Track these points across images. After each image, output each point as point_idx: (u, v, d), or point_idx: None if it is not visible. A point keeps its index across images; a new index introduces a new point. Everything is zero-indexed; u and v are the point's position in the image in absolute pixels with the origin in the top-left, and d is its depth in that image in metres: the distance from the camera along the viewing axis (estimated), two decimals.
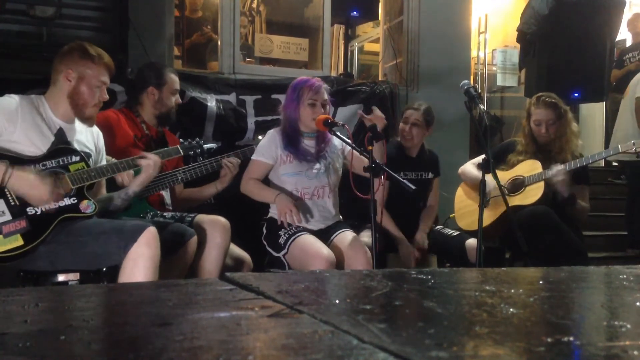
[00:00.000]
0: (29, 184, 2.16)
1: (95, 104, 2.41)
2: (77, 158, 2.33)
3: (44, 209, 2.22)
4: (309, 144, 2.88)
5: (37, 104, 2.35)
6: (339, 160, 2.96)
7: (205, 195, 3.02)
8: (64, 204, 2.26)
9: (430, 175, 3.43)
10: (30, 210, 2.20)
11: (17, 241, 2.17)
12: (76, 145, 2.39)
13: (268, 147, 2.85)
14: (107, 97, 2.45)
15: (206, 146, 2.81)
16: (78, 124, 2.45)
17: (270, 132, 2.92)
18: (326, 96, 2.87)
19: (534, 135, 3.28)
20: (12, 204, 2.18)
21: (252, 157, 2.89)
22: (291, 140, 2.83)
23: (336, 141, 2.95)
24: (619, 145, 3.17)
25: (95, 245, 2.21)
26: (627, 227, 4.78)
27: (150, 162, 2.49)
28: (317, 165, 2.86)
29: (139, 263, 2.15)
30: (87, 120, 2.44)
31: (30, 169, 2.20)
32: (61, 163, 2.29)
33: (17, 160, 2.21)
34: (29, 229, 2.19)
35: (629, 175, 4.99)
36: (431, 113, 3.37)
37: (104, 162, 2.51)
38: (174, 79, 2.99)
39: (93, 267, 2.29)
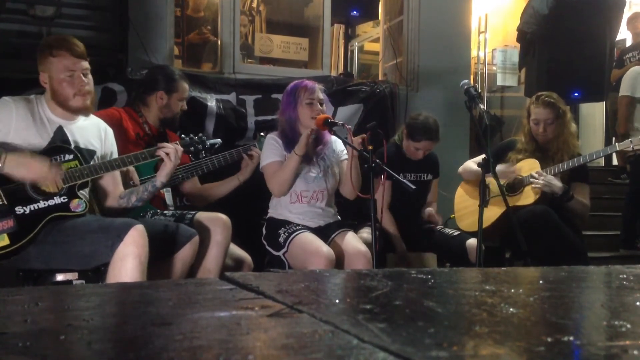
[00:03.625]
0: (25, 162, 2.15)
1: (75, 93, 2.34)
2: (71, 156, 2.32)
3: (33, 208, 2.21)
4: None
5: (35, 104, 2.35)
6: (337, 166, 2.95)
7: (227, 189, 2.98)
8: (53, 202, 2.26)
9: (430, 176, 3.42)
10: (18, 210, 2.19)
11: (3, 241, 2.17)
12: (80, 142, 2.38)
13: (275, 148, 2.84)
14: (85, 81, 2.37)
15: (209, 142, 2.75)
16: (81, 120, 2.44)
17: (270, 135, 2.91)
18: (322, 95, 2.89)
19: (533, 134, 3.28)
20: (0, 203, 2.17)
21: (263, 164, 2.84)
22: (291, 142, 2.82)
23: (335, 146, 2.96)
24: (616, 144, 3.15)
25: (84, 245, 2.20)
26: (625, 227, 4.74)
27: (170, 150, 2.45)
28: (316, 170, 2.86)
29: (126, 263, 2.13)
30: (80, 112, 2.40)
31: (24, 153, 2.19)
32: (53, 162, 2.28)
33: None
34: (17, 229, 2.18)
35: (632, 173, 4.91)
36: (437, 125, 3.26)
37: (115, 157, 2.49)
38: (185, 88, 2.98)
39: (84, 266, 2.28)
